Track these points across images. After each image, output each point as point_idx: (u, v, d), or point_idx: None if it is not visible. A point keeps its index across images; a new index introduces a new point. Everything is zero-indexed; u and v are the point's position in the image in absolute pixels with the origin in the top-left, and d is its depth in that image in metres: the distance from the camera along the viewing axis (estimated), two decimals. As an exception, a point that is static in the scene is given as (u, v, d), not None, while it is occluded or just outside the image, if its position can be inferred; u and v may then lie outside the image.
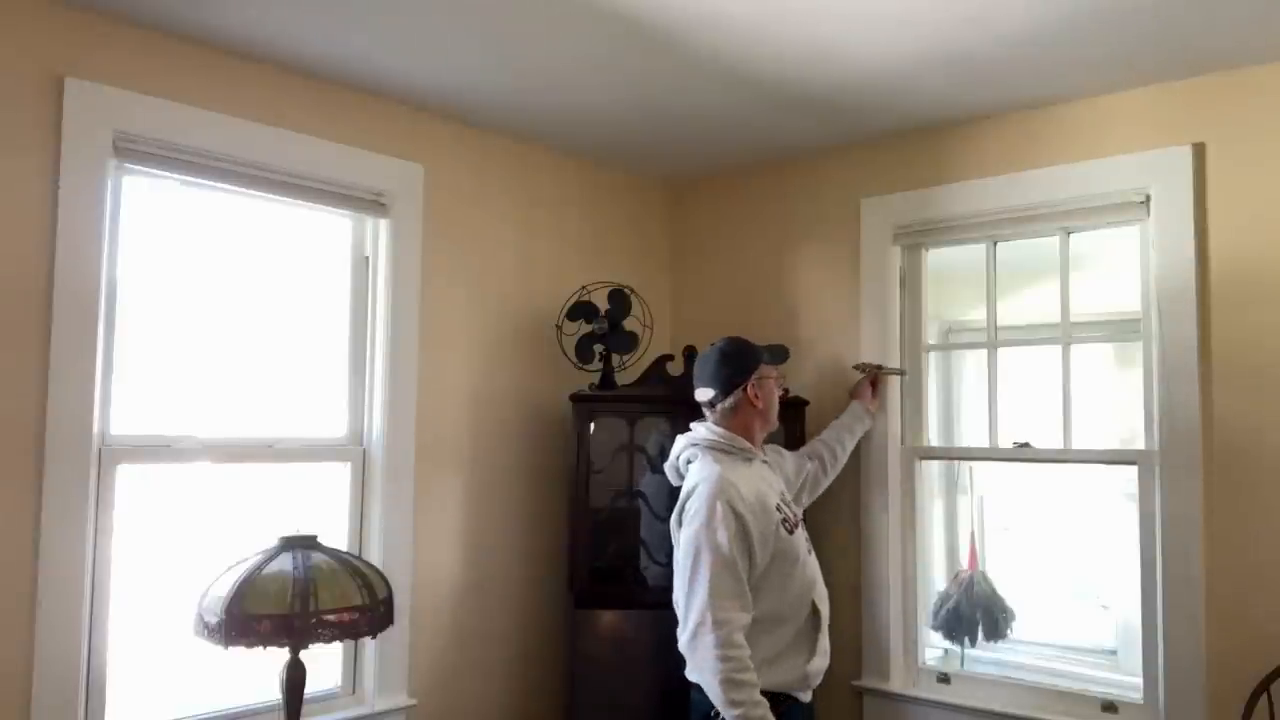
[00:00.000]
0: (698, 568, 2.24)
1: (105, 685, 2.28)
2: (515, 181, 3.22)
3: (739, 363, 2.47)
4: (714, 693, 2.17)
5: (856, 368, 3.06)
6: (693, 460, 2.45)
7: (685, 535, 2.32)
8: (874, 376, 3.01)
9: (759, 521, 2.30)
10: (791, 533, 2.38)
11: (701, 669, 2.21)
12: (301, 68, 2.61)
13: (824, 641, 2.41)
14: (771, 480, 2.50)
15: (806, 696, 2.40)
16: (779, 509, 2.38)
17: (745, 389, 2.45)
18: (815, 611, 2.39)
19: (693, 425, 2.52)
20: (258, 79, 2.56)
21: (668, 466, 2.56)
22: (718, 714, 2.21)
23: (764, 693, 2.20)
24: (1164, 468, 2.55)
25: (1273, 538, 2.40)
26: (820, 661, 2.39)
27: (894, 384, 3.07)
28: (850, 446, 2.94)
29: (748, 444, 2.45)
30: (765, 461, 2.54)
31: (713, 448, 2.42)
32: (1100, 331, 3.11)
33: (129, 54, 2.33)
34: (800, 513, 2.52)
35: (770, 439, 2.69)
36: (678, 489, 2.49)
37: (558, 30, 2.34)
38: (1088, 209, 2.74)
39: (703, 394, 2.50)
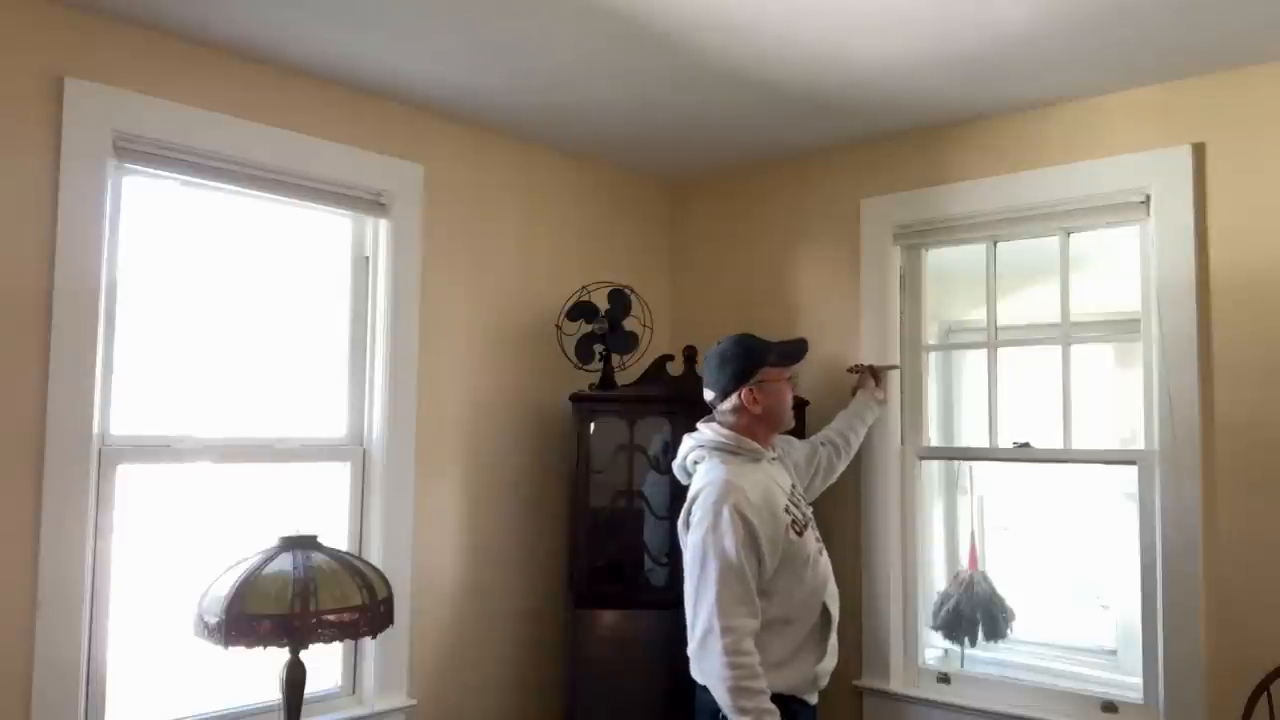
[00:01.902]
0: (705, 574, 2.21)
1: (105, 685, 2.28)
2: (515, 181, 3.22)
3: (736, 366, 2.40)
4: (723, 700, 2.15)
5: (851, 370, 3.06)
6: (700, 461, 2.41)
7: (692, 540, 2.27)
8: (874, 371, 3.02)
9: (767, 526, 2.26)
10: (801, 534, 2.34)
11: (709, 676, 2.19)
12: (301, 68, 2.61)
13: (833, 641, 2.39)
14: (781, 479, 2.44)
15: (814, 699, 2.38)
16: (788, 510, 2.34)
17: (740, 394, 2.38)
18: (826, 612, 2.36)
19: (699, 424, 2.48)
20: (258, 79, 2.56)
21: (675, 466, 2.53)
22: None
23: (773, 696, 2.18)
24: (1164, 468, 2.55)
25: (1273, 538, 2.40)
26: (830, 662, 2.37)
27: (894, 384, 3.07)
28: (861, 434, 2.92)
29: (755, 445, 2.38)
30: (775, 458, 2.49)
31: (719, 449, 2.37)
32: (1100, 331, 3.11)
33: (129, 54, 2.33)
34: (810, 512, 2.48)
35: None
36: (684, 488, 2.46)
37: (558, 30, 2.34)
38: (1088, 209, 2.74)
39: (706, 394, 2.47)
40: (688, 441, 2.47)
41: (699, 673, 2.23)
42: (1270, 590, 2.39)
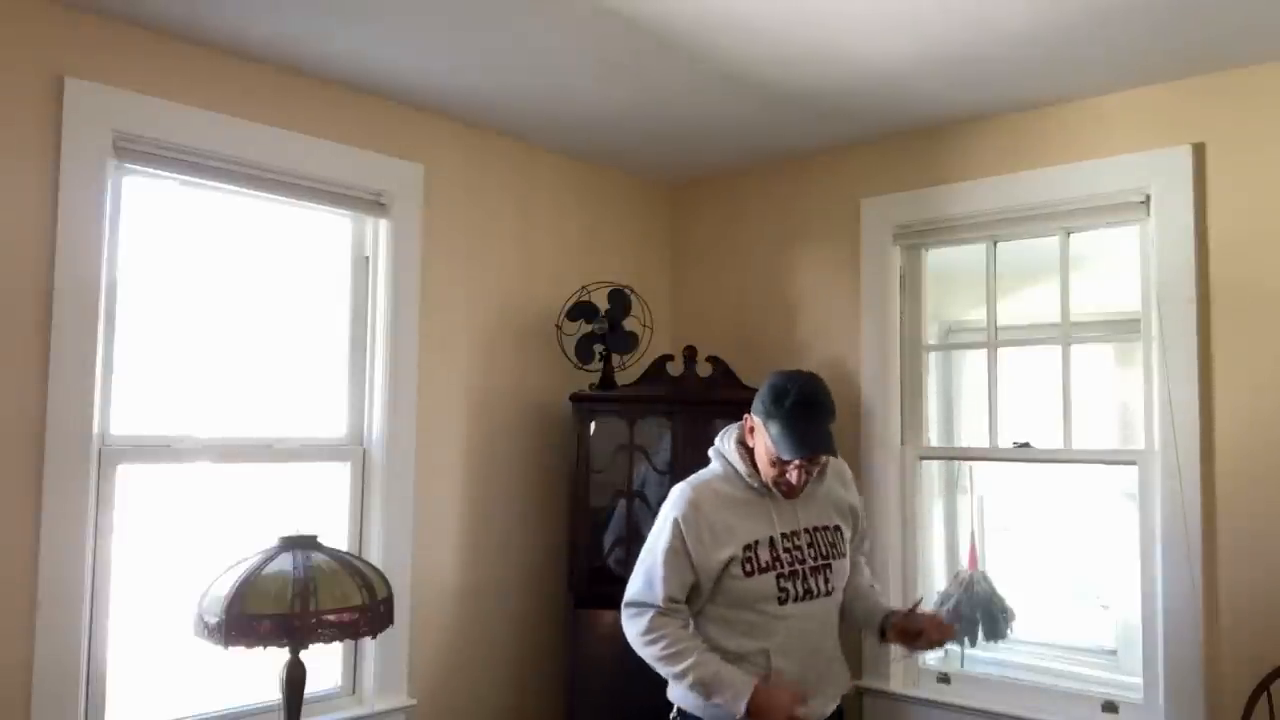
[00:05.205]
0: (640, 565, 2.13)
1: (105, 685, 2.28)
2: (515, 181, 3.22)
3: (759, 396, 2.11)
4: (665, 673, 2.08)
5: (911, 610, 2.21)
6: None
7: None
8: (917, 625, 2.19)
9: (703, 546, 2.04)
10: (750, 576, 2.04)
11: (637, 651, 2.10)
12: (301, 68, 2.61)
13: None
14: (781, 518, 2.10)
15: None
16: (748, 548, 2.04)
17: (746, 419, 2.12)
18: (770, 668, 2.03)
19: (729, 427, 2.21)
20: (257, 79, 2.56)
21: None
22: (677, 716, 2.16)
23: None
24: (1164, 468, 2.55)
25: (1273, 538, 2.40)
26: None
27: (894, 385, 3.07)
28: (859, 617, 2.28)
29: (748, 473, 2.10)
30: (776, 498, 2.11)
31: (719, 455, 2.17)
32: (1100, 331, 3.11)
33: (129, 54, 2.33)
34: (798, 561, 2.09)
35: None
36: None
37: (558, 31, 2.34)
38: (1088, 209, 2.74)
39: None
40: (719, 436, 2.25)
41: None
42: (1270, 590, 2.39)
